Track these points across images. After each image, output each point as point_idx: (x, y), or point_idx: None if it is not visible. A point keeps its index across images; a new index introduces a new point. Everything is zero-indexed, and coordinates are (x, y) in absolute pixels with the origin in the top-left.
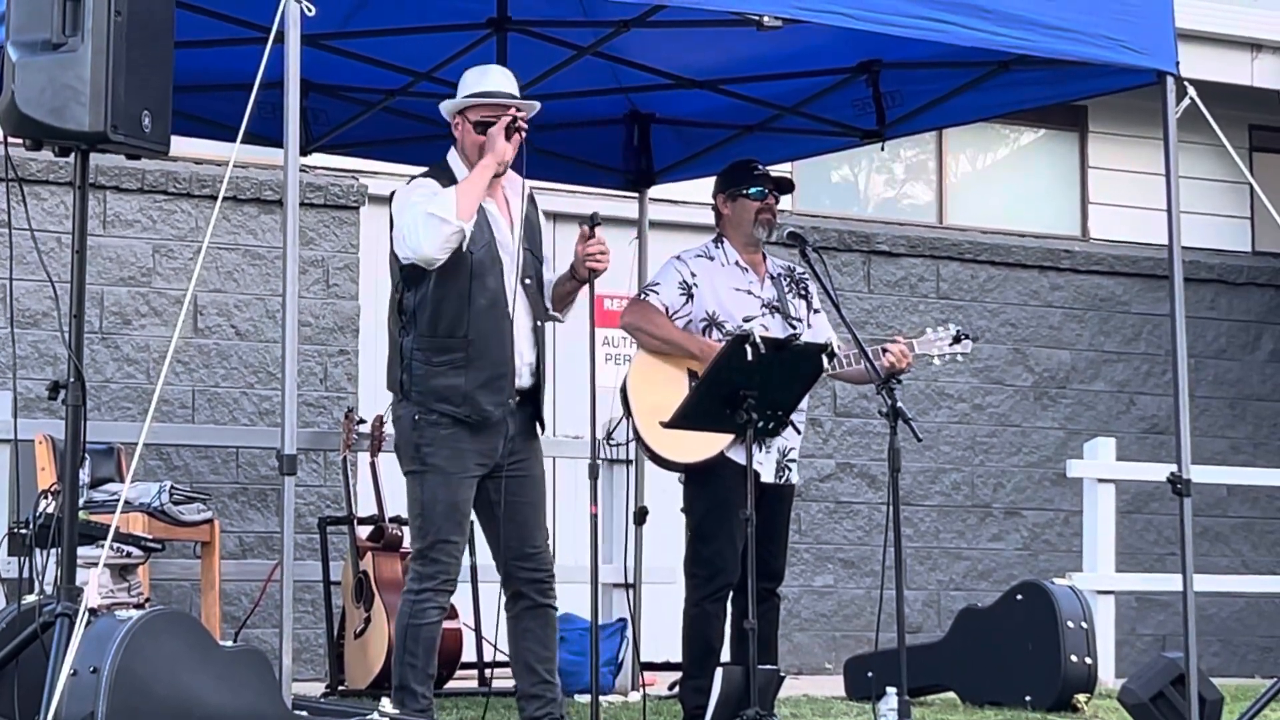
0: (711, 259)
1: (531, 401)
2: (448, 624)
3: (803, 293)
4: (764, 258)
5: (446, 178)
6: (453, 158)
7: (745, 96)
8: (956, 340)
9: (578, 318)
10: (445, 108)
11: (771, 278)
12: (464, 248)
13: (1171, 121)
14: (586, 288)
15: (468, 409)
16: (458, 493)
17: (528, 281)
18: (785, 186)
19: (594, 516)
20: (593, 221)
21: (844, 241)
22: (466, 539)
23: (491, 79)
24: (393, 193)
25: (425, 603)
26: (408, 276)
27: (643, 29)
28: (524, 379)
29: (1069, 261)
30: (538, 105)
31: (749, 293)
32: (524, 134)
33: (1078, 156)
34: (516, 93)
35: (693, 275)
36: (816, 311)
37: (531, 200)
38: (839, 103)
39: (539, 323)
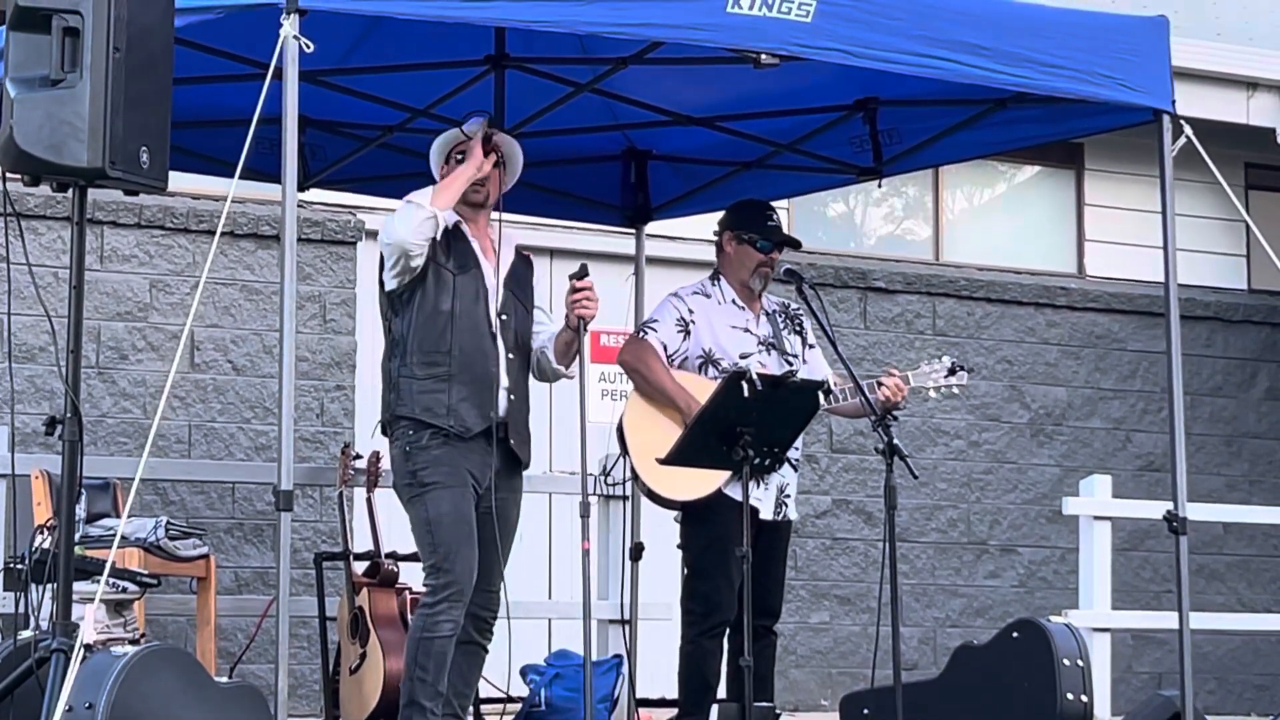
0: (708, 296)
1: (511, 435)
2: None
3: (798, 329)
4: (759, 295)
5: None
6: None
7: (742, 133)
8: (952, 372)
9: None
10: (435, 164)
11: (767, 314)
12: (448, 264)
13: (1168, 159)
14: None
15: (451, 420)
16: (461, 505)
17: (504, 317)
18: (793, 245)
19: (585, 553)
20: (580, 274)
21: (840, 278)
22: (476, 555)
23: (449, 133)
24: None
25: (439, 616)
26: (394, 303)
27: (640, 66)
28: (501, 406)
29: (1065, 299)
30: (487, 112)
31: (746, 330)
32: (500, 156)
33: (1074, 194)
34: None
35: (690, 312)
36: (811, 347)
37: (525, 259)
38: (836, 140)
39: (510, 355)
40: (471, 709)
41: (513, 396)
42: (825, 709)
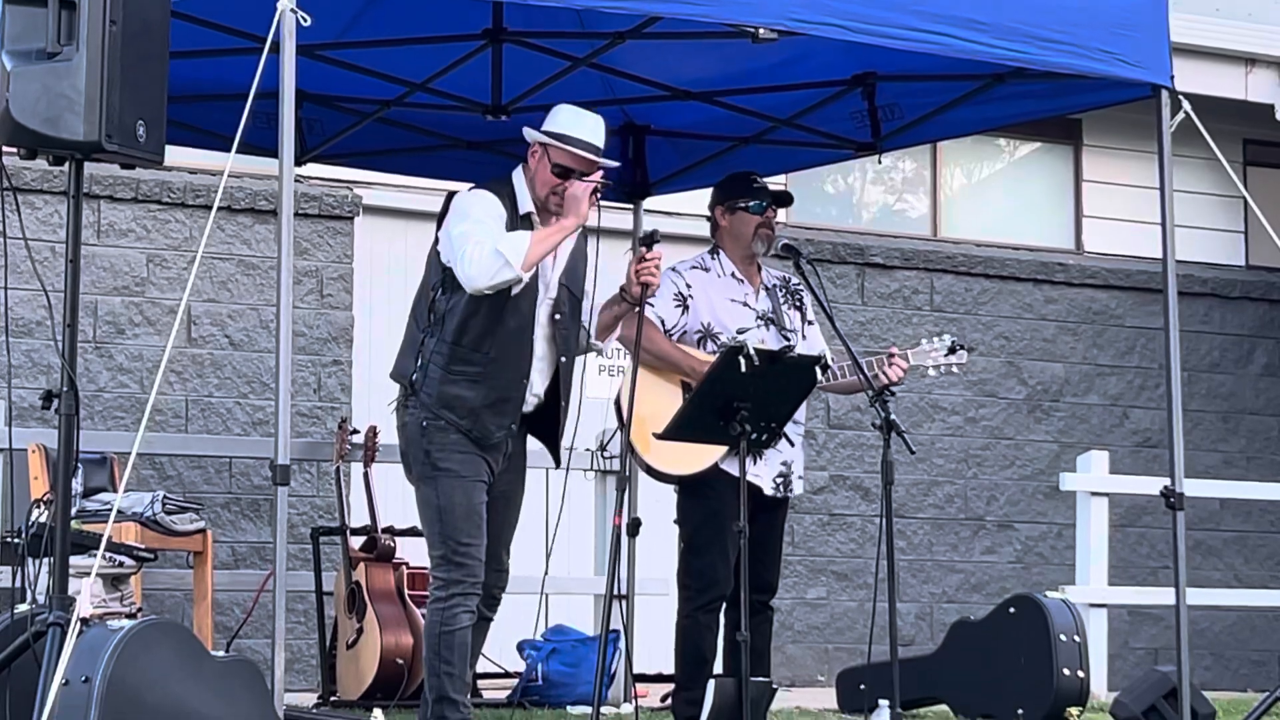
0: (707, 270)
1: (531, 427)
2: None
3: (797, 304)
4: (759, 269)
5: (507, 194)
6: (518, 176)
7: (741, 108)
8: (951, 351)
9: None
10: (532, 134)
11: (766, 289)
12: None
13: (1166, 135)
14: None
15: (470, 423)
16: (473, 495)
17: (558, 317)
18: (784, 200)
19: (616, 527)
20: (650, 240)
21: (838, 254)
22: (485, 541)
23: (587, 128)
24: (447, 211)
25: (455, 607)
26: (447, 280)
27: (638, 40)
28: (527, 406)
29: (1063, 275)
30: (617, 164)
31: (744, 304)
32: (599, 197)
33: (1072, 170)
34: (602, 146)
35: (688, 287)
36: (810, 323)
37: (581, 251)
38: (835, 115)
39: (562, 359)
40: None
41: (540, 399)
42: (822, 684)
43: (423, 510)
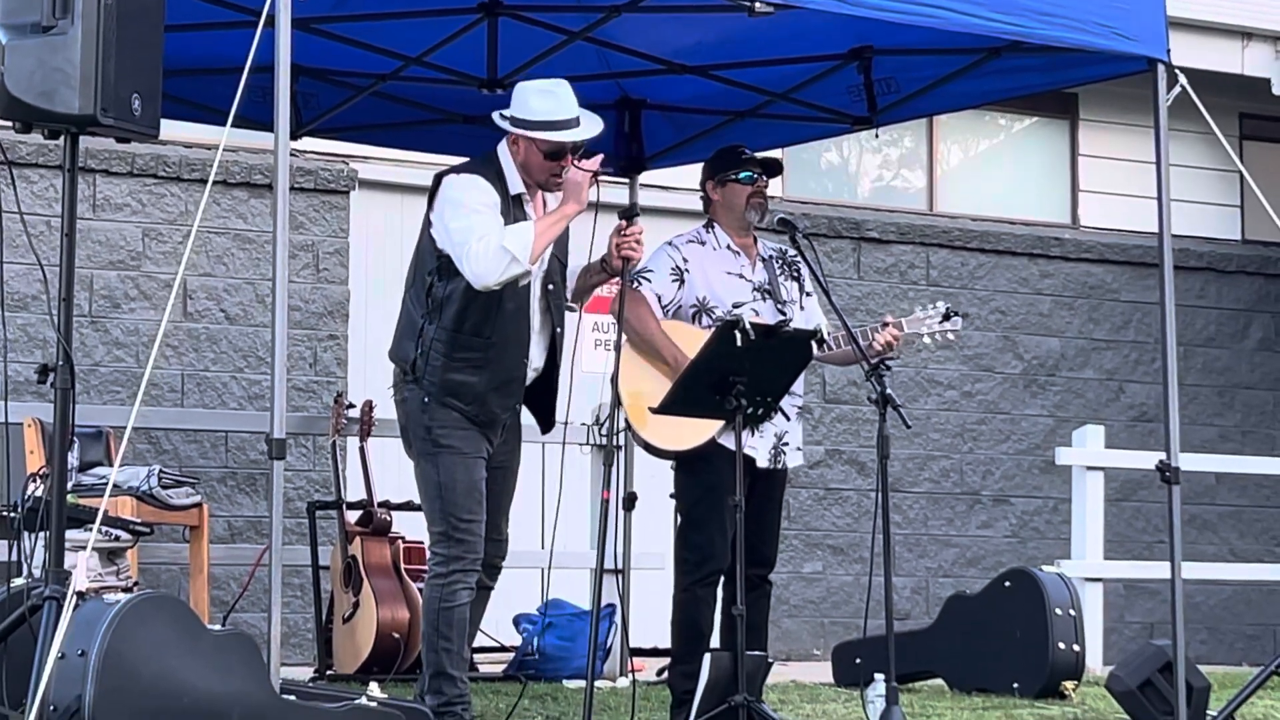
0: (703, 244)
1: (528, 400)
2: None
3: (795, 275)
4: (755, 241)
5: (495, 174)
6: (504, 155)
7: (737, 82)
8: (946, 318)
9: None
10: (507, 125)
11: (763, 260)
12: None
13: (1162, 109)
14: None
15: (477, 408)
16: (474, 472)
17: (550, 286)
18: (774, 169)
19: (605, 502)
20: (630, 213)
21: (834, 228)
22: (484, 517)
23: (561, 103)
24: (434, 187)
25: (455, 584)
26: (443, 267)
27: (634, 14)
28: (527, 381)
29: (1059, 249)
30: (601, 127)
31: (740, 276)
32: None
33: (1068, 144)
34: (576, 108)
35: (684, 261)
36: (809, 295)
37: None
38: (831, 89)
39: (557, 329)
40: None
41: (538, 373)
42: (818, 658)
43: (423, 486)
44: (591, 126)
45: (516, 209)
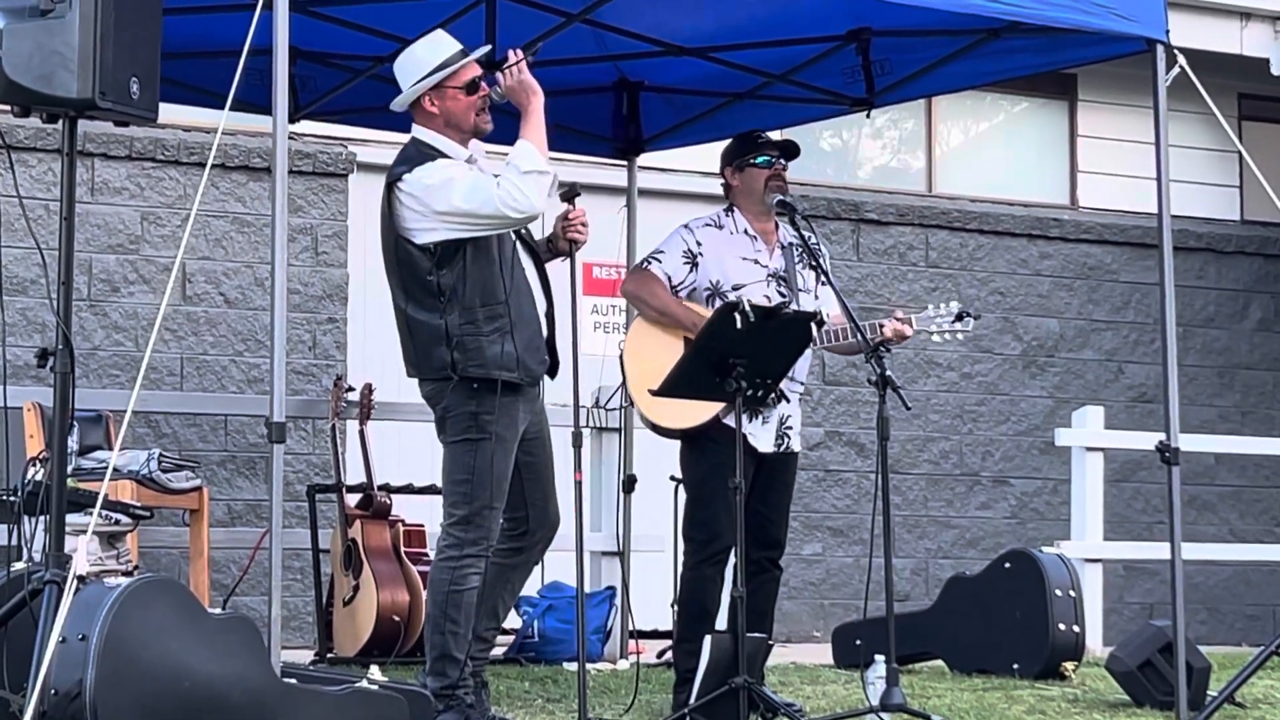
0: (720, 227)
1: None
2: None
3: (814, 264)
4: (776, 227)
5: (431, 154)
6: (428, 135)
7: (734, 64)
8: (959, 318)
9: (560, 285)
10: (412, 91)
11: (783, 247)
12: None
13: (1161, 90)
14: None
15: (521, 373)
16: (507, 461)
17: (523, 231)
18: (791, 151)
19: (578, 484)
20: (571, 193)
21: (833, 210)
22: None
23: (446, 43)
24: (400, 170)
25: (467, 568)
26: (440, 258)
27: None
28: (544, 331)
29: (1058, 230)
30: (488, 47)
31: (755, 261)
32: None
33: (1067, 125)
34: (454, 39)
35: (698, 244)
36: (824, 283)
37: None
38: (828, 71)
39: (544, 270)
40: None
41: (548, 333)
42: (818, 640)
43: (453, 469)
44: (478, 47)
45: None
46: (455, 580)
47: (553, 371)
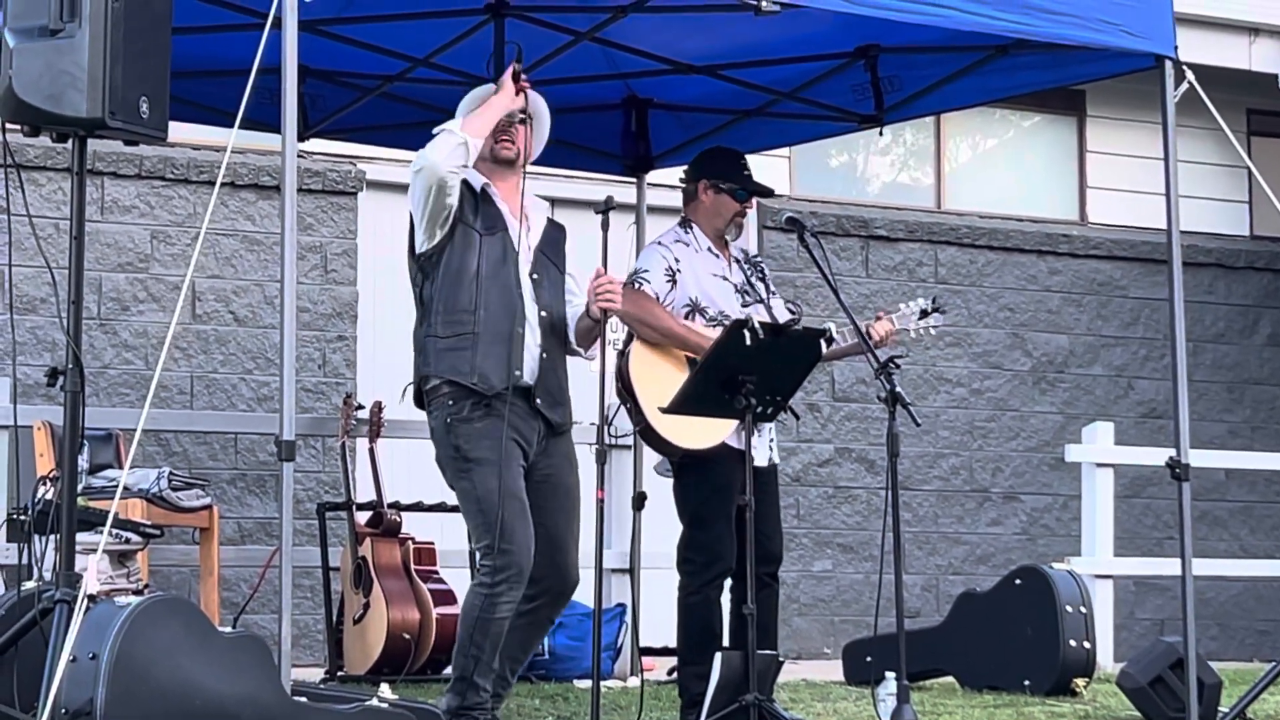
0: (687, 244)
1: (539, 395)
2: (447, 610)
3: (760, 274)
4: (727, 243)
5: (468, 187)
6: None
7: (743, 82)
8: (924, 314)
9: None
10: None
11: (737, 262)
12: (475, 224)
13: (1170, 106)
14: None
15: (475, 379)
16: (509, 480)
17: (535, 276)
18: (766, 194)
19: (599, 501)
20: (608, 205)
21: (842, 226)
22: (532, 528)
23: (473, 97)
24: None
25: (499, 598)
26: (424, 267)
27: (640, 14)
28: (533, 366)
29: (1067, 246)
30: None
31: (724, 278)
32: (528, 90)
33: (1076, 141)
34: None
35: (676, 261)
36: (774, 294)
37: (558, 226)
38: (837, 88)
39: (542, 313)
40: None
41: (544, 355)
42: (828, 657)
43: (465, 505)
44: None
45: (484, 201)
46: (485, 608)
47: (554, 421)
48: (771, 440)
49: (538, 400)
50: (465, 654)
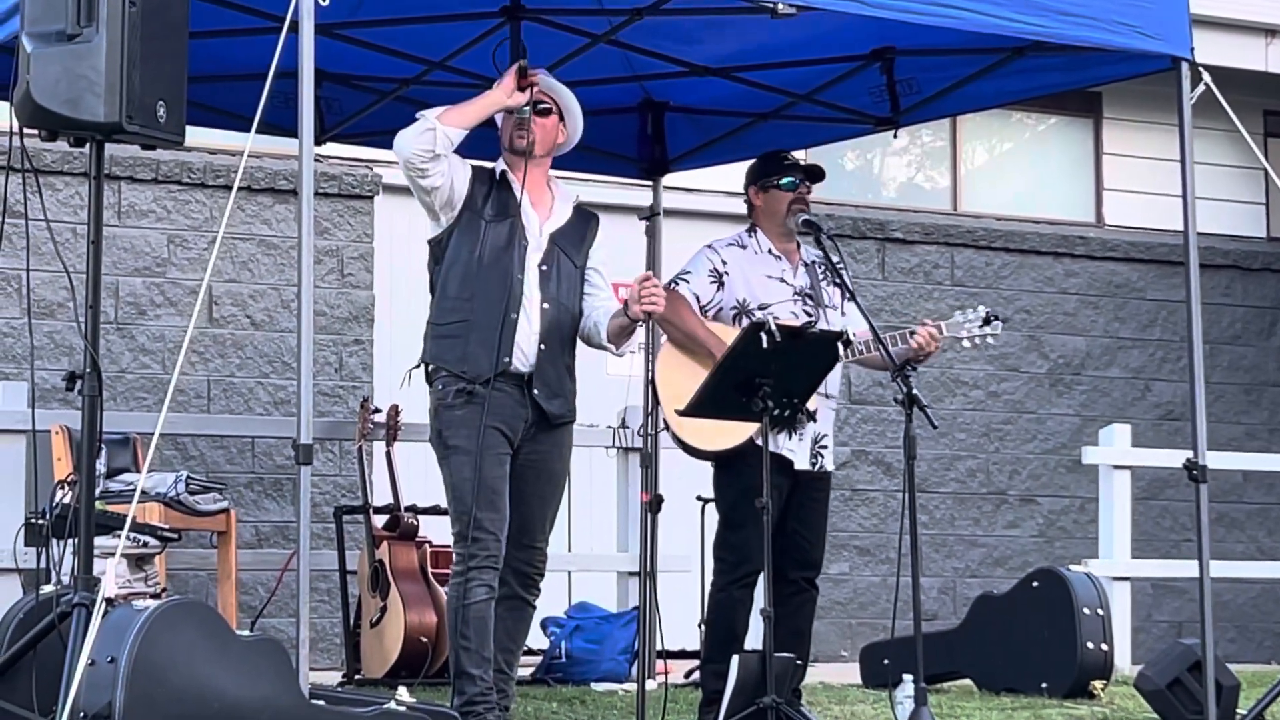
0: (744, 247)
1: (536, 385)
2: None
3: (837, 280)
4: (798, 246)
5: (488, 175)
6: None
7: (759, 84)
8: (986, 322)
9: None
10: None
11: (805, 265)
12: (483, 211)
13: (1186, 107)
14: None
15: (465, 366)
16: (483, 469)
17: (544, 268)
18: (817, 175)
19: (644, 504)
20: (651, 213)
21: (858, 229)
22: (505, 516)
23: None
24: None
25: (471, 583)
26: (435, 253)
27: (656, 17)
28: (529, 355)
29: (1084, 248)
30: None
31: (781, 280)
32: (552, 102)
33: (1092, 143)
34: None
35: (724, 264)
36: (849, 299)
37: (585, 216)
38: (853, 90)
39: (545, 305)
40: None
41: (544, 346)
42: (845, 659)
43: (445, 490)
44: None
45: (503, 186)
46: (460, 597)
47: (550, 413)
48: (824, 447)
49: (535, 390)
50: (454, 647)
